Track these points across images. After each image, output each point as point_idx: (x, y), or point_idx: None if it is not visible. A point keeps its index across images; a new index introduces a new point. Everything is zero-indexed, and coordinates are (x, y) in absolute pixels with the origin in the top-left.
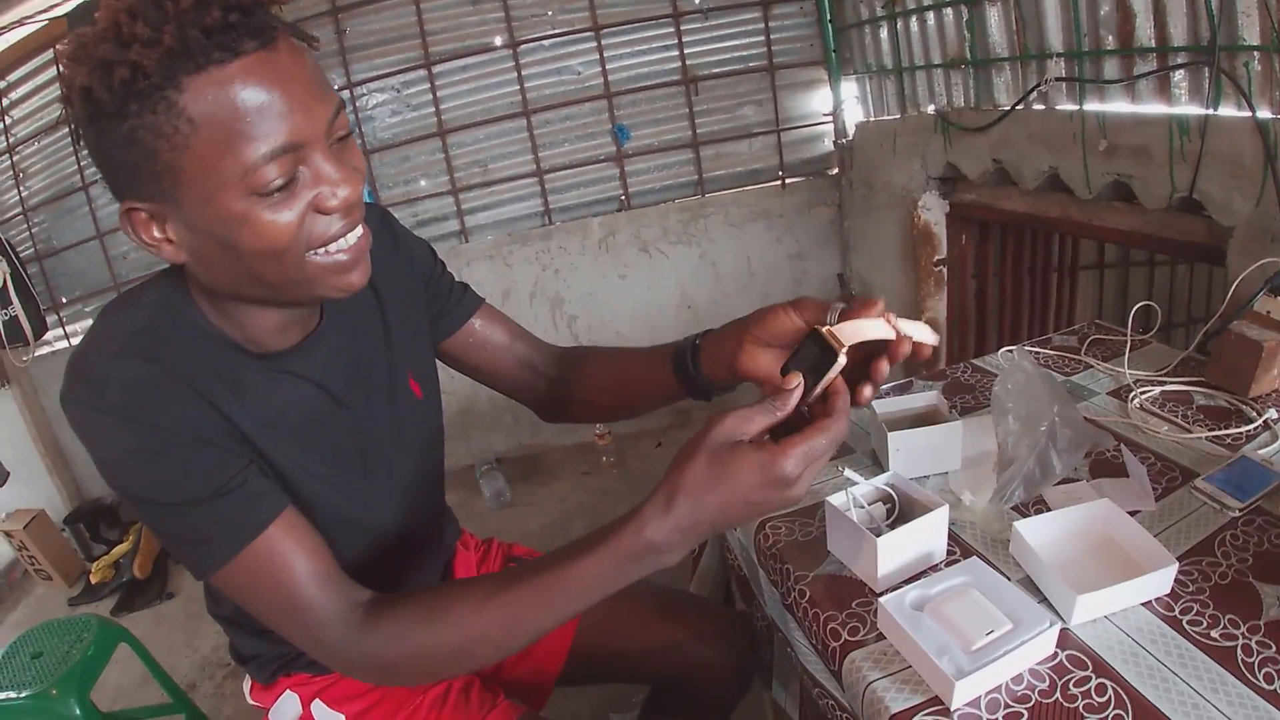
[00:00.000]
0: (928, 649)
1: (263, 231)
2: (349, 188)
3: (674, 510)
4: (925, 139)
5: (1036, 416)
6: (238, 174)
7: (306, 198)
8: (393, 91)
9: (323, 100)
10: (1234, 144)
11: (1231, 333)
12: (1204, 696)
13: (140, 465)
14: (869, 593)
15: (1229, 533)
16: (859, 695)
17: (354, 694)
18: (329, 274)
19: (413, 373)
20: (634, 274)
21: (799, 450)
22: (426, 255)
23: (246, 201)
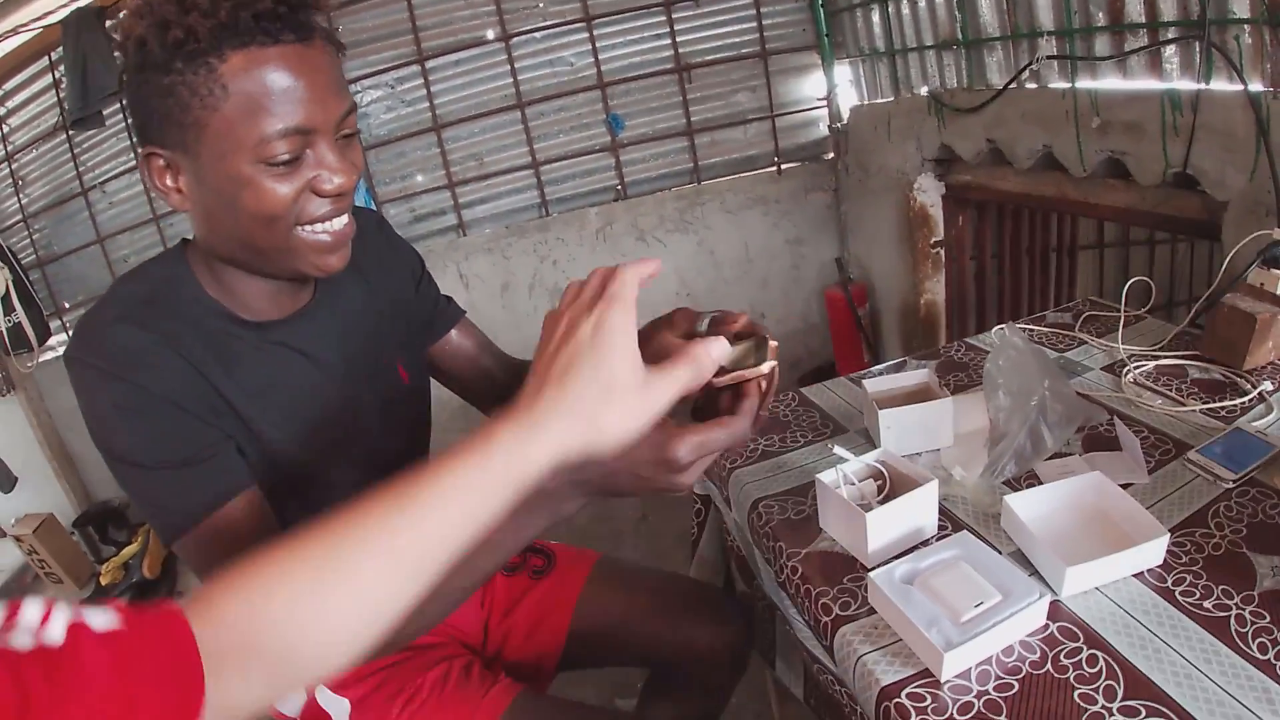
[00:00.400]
0: (917, 621)
1: (262, 196)
2: (344, 177)
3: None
4: (919, 121)
5: (1027, 391)
6: (253, 141)
7: (306, 177)
8: (386, 88)
9: (339, 98)
10: (1226, 118)
11: (1225, 305)
12: (1197, 667)
13: (121, 423)
14: (860, 568)
15: (1222, 504)
16: (850, 669)
17: (357, 677)
18: (311, 251)
19: (402, 361)
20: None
21: (694, 439)
22: (416, 261)
23: (254, 167)
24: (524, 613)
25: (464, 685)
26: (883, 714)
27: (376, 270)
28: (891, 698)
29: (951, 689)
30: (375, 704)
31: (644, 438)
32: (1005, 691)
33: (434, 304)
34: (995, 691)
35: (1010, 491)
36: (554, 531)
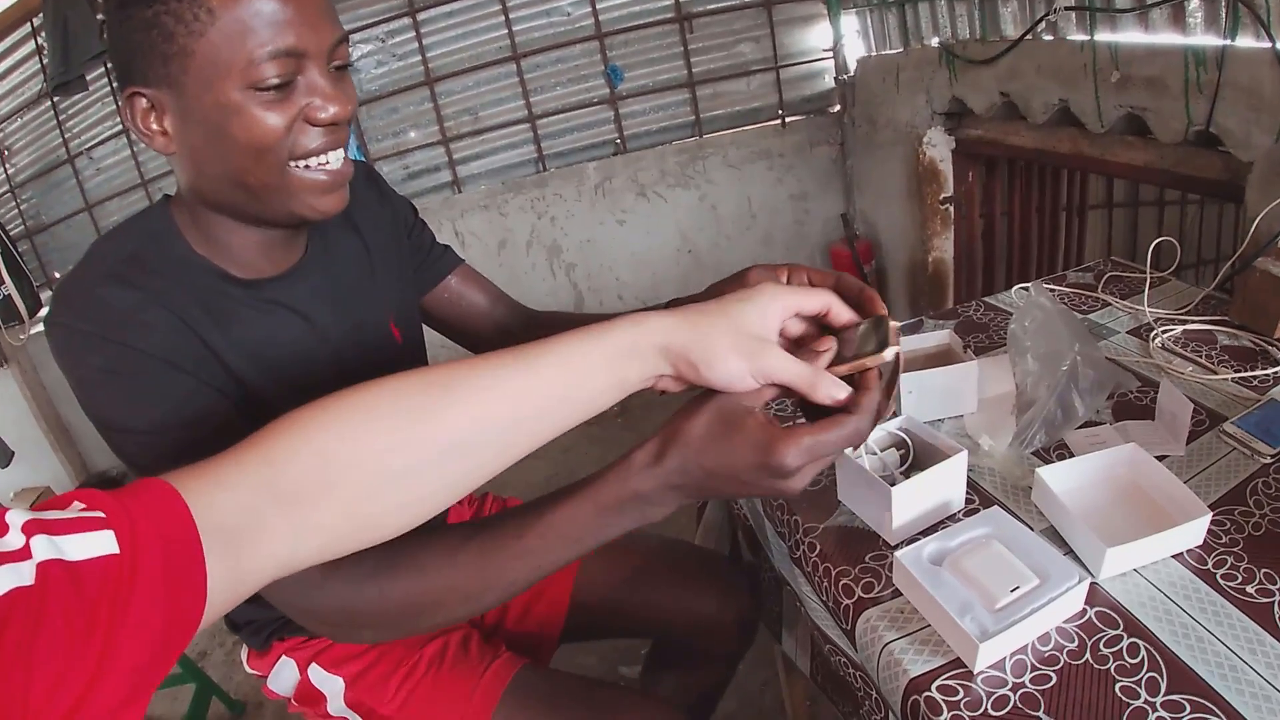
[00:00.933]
0: (949, 607)
1: (252, 125)
2: (338, 106)
3: (663, 463)
4: (929, 73)
5: (1056, 356)
6: (241, 64)
7: (298, 105)
8: (377, 42)
9: (330, 24)
10: (1253, 76)
11: (1257, 270)
12: (1241, 658)
13: (112, 388)
14: (883, 545)
15: (1260, 480)
16: (874, 656)
17: (350, 655)
18: (306, 190)
19: (394, 318)
20: (632, 219)
21: (804, 443)
22: (409, 211)
23: (243, 94)
24: None
25: (463, 660)
26: (911, 708)
27: (368, 223)
28: (921, 690)
29: (985, 681)
30: (371, 681)
31: (747, 439)
32: (1042, 684)
33: (426, 252)
34: (1032, 684)
35: (1040, 463)
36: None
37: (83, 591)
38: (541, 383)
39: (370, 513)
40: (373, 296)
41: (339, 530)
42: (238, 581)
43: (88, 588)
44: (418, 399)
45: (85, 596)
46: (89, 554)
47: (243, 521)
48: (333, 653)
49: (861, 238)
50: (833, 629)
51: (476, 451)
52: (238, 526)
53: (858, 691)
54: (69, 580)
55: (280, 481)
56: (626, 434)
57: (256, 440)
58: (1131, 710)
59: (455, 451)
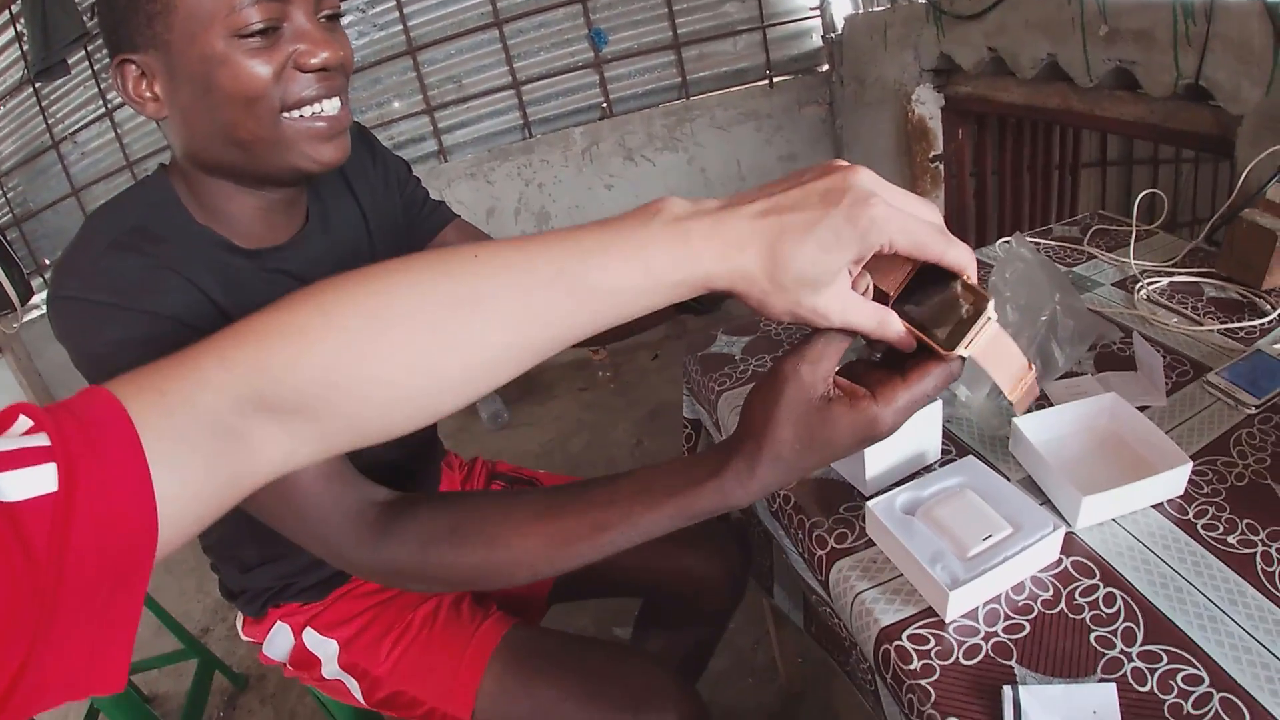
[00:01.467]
0: (919, 556)
1: (239, 74)
2: (330, 52)
3: (758, 477)
4: (917, 29)
5: (1036, 306)
6: (223, 12)
7: (286, 52)
8: (358, 12)
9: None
10: (1242, 27)
11: (1244, 221)
12: (1221, 609)
13: (130, 357)
14: (858, 497)
15: (1244, 431)
16: (847, 606)
17: (344, 619)
18: (303, 140)
19: None
20: (620, 184)
21: (902, 403)
22: (403, 168)
23: (228, 42)
24: None
25: (455, 620)
26: (882, 656)
27: (363, 187)
28: (892, 639)
29: (957, 630)
30: (364, 643)
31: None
32: (1016, 633)
33: (419, 209)
34: (1004, 633)
35: (1018, 413)
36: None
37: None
38: (585, 313)
39: (376, 426)
40: (373, 259)
41: (343, 437)
42: (227, 486)
43: (32, 536)
44: (442, 318)
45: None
46: (29, 493)
47: (230, 426)
48: (326, 616)
49: None
50: (811, 580)
51: (500, 369)
52: (224, 432)
53: (844, 641)
54: (8, 524)
55: (276, 393)
56: (618, 400)
57: (245, 335)
58: (1107, 660)
59: (476, 372)
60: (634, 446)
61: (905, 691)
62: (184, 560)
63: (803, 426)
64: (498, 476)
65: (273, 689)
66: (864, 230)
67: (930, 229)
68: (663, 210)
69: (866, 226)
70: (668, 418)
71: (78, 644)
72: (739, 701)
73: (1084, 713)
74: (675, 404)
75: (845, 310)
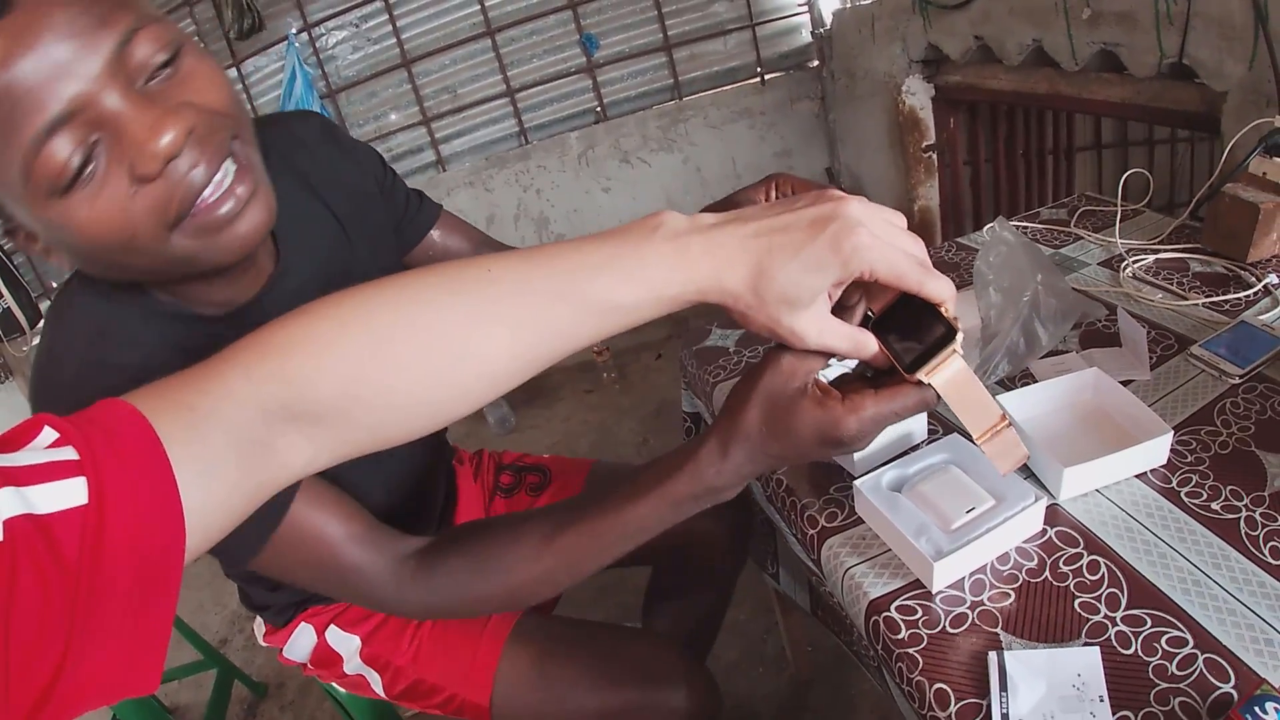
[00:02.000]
0: (905, 530)
1: (89, 233)
2: (168, 133)
3: (730, 457)
4: (904, 21)
5: (1019, 287)
6: (19, 180)
7: (122, 171)
8: (352, 27)
9: (97, 36)
10: (1222, 5)
11: (1226, 195)
12: (1205, 572)
13: None
14: (848, 477)
15: (1229, 400)
16: (839, 582)
17: (367, 614)
18: (207, 238)
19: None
20: (617, 186)
21: (866, 415)
22: (376, 162)
23: (51, 204)
24: None
25: None
26: (872, 628)
27: (331, 188)
28: (880, 611)
29: (944, 600)
30: (386, 635)
31: (807, 422)
32: (1001, 602)
33: (403, 206)
34: (990, 602)
35: (1004, 391)
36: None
37: (56, 548)
38: (589, 325)
39: (393, 432)
40: (355, 272)
41: (362, 443)
42: (252, 493)
43: (63, 546)
44: (455, 331)
45: (59, 555)
46: (59, 505)
47: (255, 436)
48: (350, 613)
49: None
50: (805, 559)
51: (509, 377)
52: (249, 441)
53: (847, 620)
54: (40, 536)
55: (299, 404)
56: (624, 399)
57: (268, 347)
58: (1091, 625)
59: (487, 380)
60: (640, 445)
61: (895, 660)
62: (199, 574)
63: (770, 409)
64: (505, 469)
65: (292, 695)
66: (846, 257)
67: (910, 261)
68: (663, 225)
69: (849, 254)
70: (672, 415)
71: (114, 649)
72: (750, 690)
73: (1069, 676)
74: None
75: (821, 333)
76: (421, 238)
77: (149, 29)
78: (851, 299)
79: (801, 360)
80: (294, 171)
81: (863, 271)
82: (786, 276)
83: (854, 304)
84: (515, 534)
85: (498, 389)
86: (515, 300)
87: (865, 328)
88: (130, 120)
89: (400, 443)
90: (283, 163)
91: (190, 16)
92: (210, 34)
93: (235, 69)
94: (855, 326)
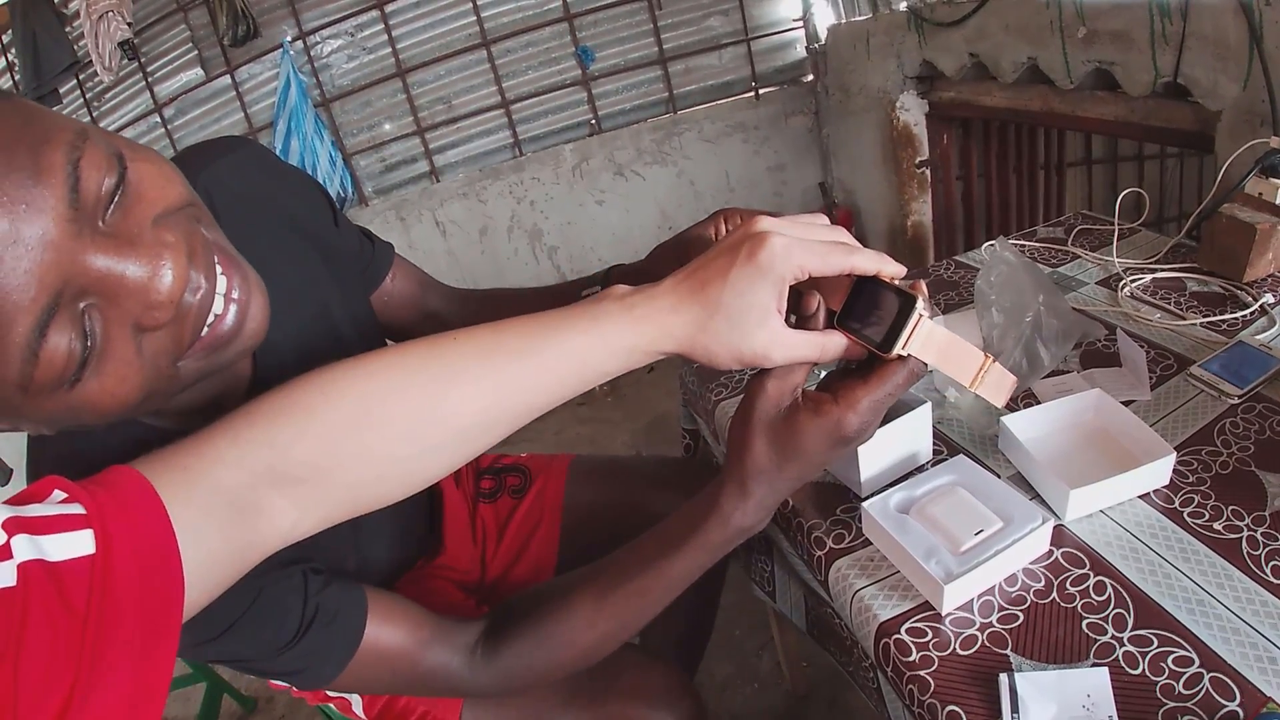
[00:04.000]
0: (914, 552)
1: (103, 407)
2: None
3: (751, 495)
4: (899, 37)
5: (1021, 308)
6: (18, 394)
7: (125, 330)
8: (347, 36)
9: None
10: (1217, 25)
11: (1223, 215)
12: (1209, 592)
13: (215, 645)
14: (854, 498)
15: (1228, 420)
16: (847, 604)
17: None
18: (217, 353)
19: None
20: (611, 199)
21: (863, 406)
22: (318, 191)
23: (57, 397)
24: (514, 531)
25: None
26: (882, 651)
27: (287, 228)
28: (890, 633)
29: (953, 622)
30: None
31: (812, 435)
32: (1010, 623)
33: (359, 246)
34: (999, 623)
35: (1007, 412)
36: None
37: (65, 593)
38: (551, 380)
39: (377, 491)
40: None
41: (344, 505)
42: (242, 552)
43: (71, 592)
44: (428, 389)
45: (68, 600)
46: (69, 554)
47: (244, 498)
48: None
49: (840, 206)
50: (812, 580)
51: (482, 435)
52: (239, 503)
53: (846, 640)
54: (50, 581)
55: (284, 465)
56: (616, 413)
57: (255, 415)
58: (1099, 645)
59: (461, 437)
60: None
61: (905, 683)
62: None
63: (772, 437)
64: (484, 473)
65: (281, 711)
66: (766, 266)
67: (829, 245)
68: (611, 293)
69: (768, 261)
70: (665, 429)
71: (117, 692)
72: (745, 707)
73: (1078, 696)
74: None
75: (785, 347)
76: (378, 284)
77: (88, 152)
78: (809, 308)
79: (783, 379)
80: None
81: (792, 273)
82: (724, 304)
83: (814, 311)
84: (568, 605)
85: (470, 447)
86: (481, 360)
87: (832, 327)
88: (122, 275)
89: (381, 505)
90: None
91: (185, 23)
92: (205, 40)
93: (229, 76)
94: (819, 331)
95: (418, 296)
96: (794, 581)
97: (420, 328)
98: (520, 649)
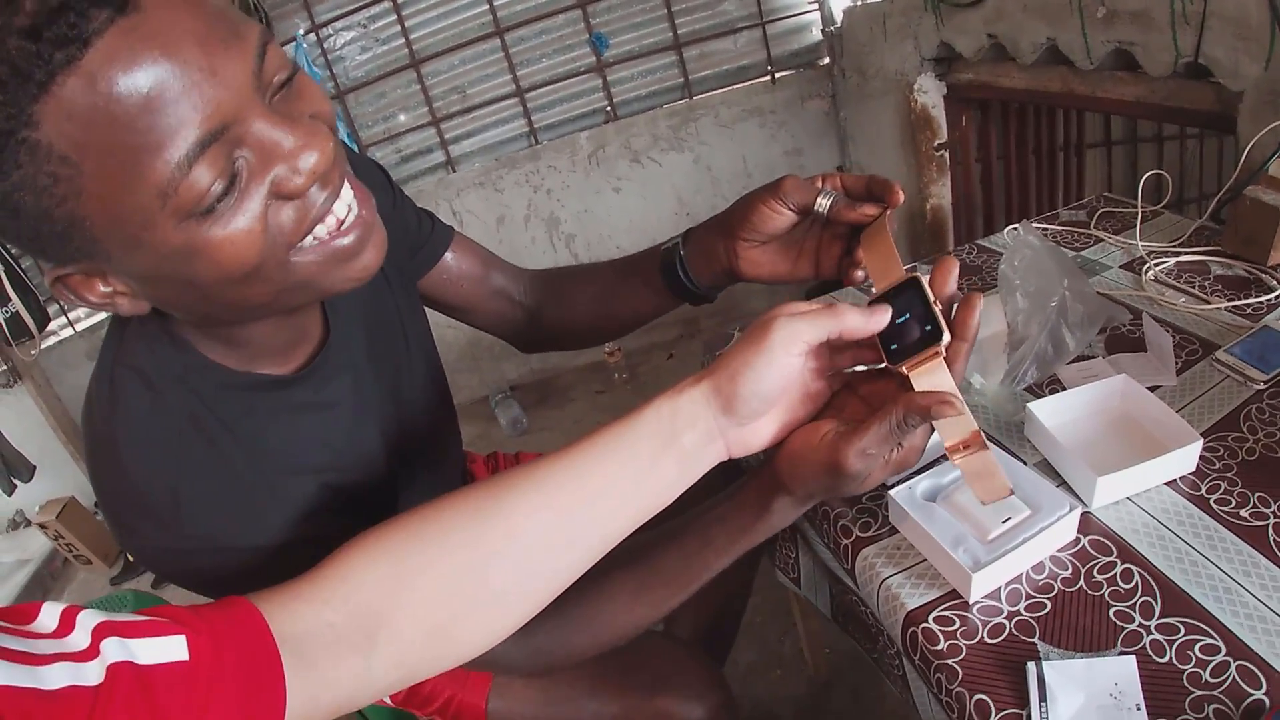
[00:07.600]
0: (942, 540)
1: (220, 257)
2: (314, 151)
3: (804, 506)
4: (916, 19)
5: (1046, 292)
6: (156, 201)
7: (262, 189)
8: (360, 28)
9: (236, 47)
10: (1238, 4)
11: (1247, 198)
12: (1236, 580)
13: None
14: (880, 486)
15: (1254, 406)
16: (874, 593)
17: None
18: (331, 266)
19: (410, 330)
20: (628, 186)
21: (855, 448)
22: (382, 177)
23: (184, 228)
24: None
25: None
26: (909, 639)
27: None
28: (918, 622)
29: (981, 610)
30: None
31: (814, 472)
32: (1037, 611)
33: (415, 228)
34: (1027, 611)
35: (1033, 398)
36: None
37: (151, 695)
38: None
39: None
40: (401, 326)
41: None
42: (314, 698)
43: (158, 693)
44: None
45: (154, 701)
46: (159, 659)
47: (319, 645)
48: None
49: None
50: (838, 568)
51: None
52: (316, 647)
53: (871, 628)
54: (137, 682)
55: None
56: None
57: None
58: (1126, 634)
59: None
60: None
61: (934, 671)
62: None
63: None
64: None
65: None
66: (771, 347)
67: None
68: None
69: (773, 341)
70: None
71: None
72: (768, 693)
73: (1106, 684)
74: None
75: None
76: (435, 263)
77: (273, 44)
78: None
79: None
80: None
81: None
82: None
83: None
84: (606, 591)
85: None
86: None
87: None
88: (277, 141)
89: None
90: None
91: None
92: None
93: None
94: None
95: (481, 274)
96: (819, 569)
97: (488, 304)
98: (554, 628)
